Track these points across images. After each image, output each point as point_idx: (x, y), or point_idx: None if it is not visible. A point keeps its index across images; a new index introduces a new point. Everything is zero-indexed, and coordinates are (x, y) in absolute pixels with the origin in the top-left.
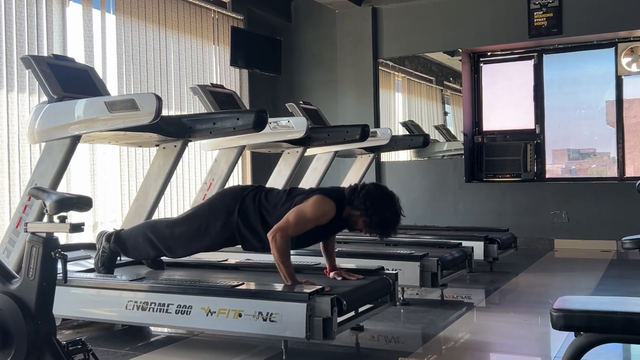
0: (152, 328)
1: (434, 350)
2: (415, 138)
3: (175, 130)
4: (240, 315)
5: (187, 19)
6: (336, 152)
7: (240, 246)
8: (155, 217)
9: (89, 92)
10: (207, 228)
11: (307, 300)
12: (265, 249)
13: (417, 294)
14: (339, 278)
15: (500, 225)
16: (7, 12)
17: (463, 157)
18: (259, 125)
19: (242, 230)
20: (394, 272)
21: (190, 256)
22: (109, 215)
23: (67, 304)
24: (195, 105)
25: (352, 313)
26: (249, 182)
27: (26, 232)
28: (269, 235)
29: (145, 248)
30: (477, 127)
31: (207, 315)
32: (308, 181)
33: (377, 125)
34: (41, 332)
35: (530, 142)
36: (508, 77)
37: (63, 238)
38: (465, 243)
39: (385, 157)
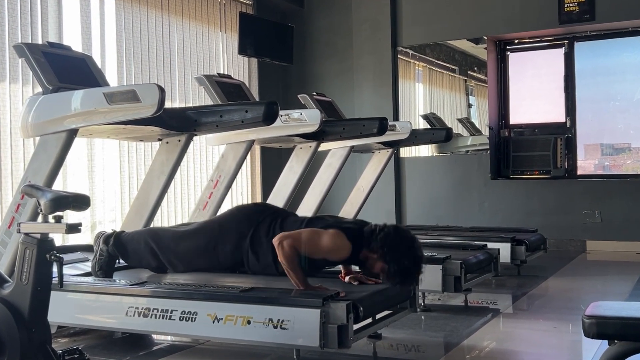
0: (154, 336)
1: None
2: (437, 132)
3: (179, 124)
4: (249, 322)
5: (192, 4)
6: (352, 147)
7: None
8: (157, 217)
9: (87, 82)
10: (215, 248)
11: (321, 306)
12: (273, 274)
13: (439, 299)
14: (355, 282)
15: (528, 226)
16: None
17: (488, 152)
18: (269, 118)
19: (251, 258)
20: None
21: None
22: (108, 215)
23: (63, 310)
24: (201, 97)
25: (370, 320)
26: (258, 179)
27: (19, 233)
28: (275, 241)
29: (146, 256)
30: (503, 120)
31: (213, 322)
32: (322, 178)
33: (396, 118)
34: (35, 340)
35: (560, 136)
36: (537, 66)
37: (59, 239)
38: (490, 245)
39: (404, 152)
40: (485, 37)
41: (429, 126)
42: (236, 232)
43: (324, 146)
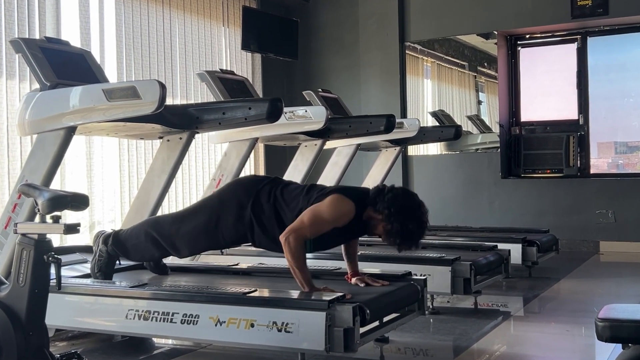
0: (155, 339)
1: None
2: (445, 129)
3: (181, 121)
4: (252, 326)
5: None
6: (358, 145)
7: (253, 249)
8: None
9: (86, 78)
10: (217, 223)
11: (326, 309)
12: (280, 250)
13: (448, 301)
14: (362, 284)
15: (540, 226)
16: None
17: (499, 150)
18: (273, 115)
19: (256, 228)
20: (422, 277)
21: (196, 257)
22: (108, 214)
23: (61, 312)
24: (203, 94)
25: (377, 323)
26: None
27: (16, 233)
28: (282, 238)
29: (148, 248)
30: (514, 118)
31: (215, 325)
32: (327, 177)
33: (403, 115)
34: (32, 344)
35: (573, 134)
36: (548, 62)
37: (57, 240)
38: (501, 245)
39: (412, 150)
40: (496, 32)
41: (437, 123)
42: (237, 203)
43: (329, 144)
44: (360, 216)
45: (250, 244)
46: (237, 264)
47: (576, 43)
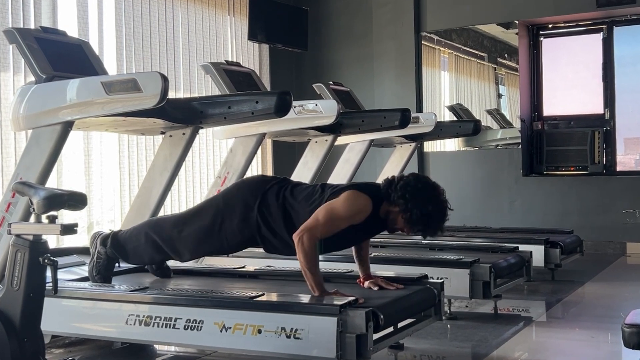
0: (156, 346)
1: None
2: (464, 124)
3: (184, 116)
4: (259, 332)
5: None
6: (372, 140)
7: (261, 250)
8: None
9: (83, 70)
10: (221, 226)
11: (337, 314)
12: (291, 253)
13: (466, 306)
14: (375, 288)
15: (563, 227)
16: None
17: (520, 146)
18: (281, 109)
19: (263, 230)
20: (439, 281)
21: (199, 259)
22: (107, 214)
23: (57, 318)
24: (208, 87)
25: (391, 329)
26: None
27: (10, 234)
28: (295, 237)
29: (148, 251)
30: (536, 112)
31: (221, 331)
32: (339, 175)
33: (419, 109)
34: (27, 351)
35: (598, 129)
36: (572, 53)
37: (53, 241)
38: (522, 247)
39: (428, 146)
40: (517, 22)
41: (455, 118)
42: (242, 204)
43: (341, 140)
44: (377, 213)
45: (260, 250)
46: (243, 267)
47: (602, 33)
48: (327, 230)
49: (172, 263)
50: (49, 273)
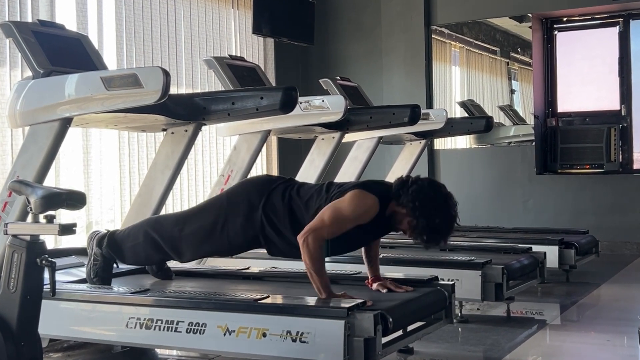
0: (158, 350)
1: None
2: (475, 121)
3: (186, 112)
4: (264, 335)
5: None
6: (380, 138)
7: (264, 251)
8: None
9: (82, 65)
10: (224, 226)
11: (345, 317)
12: (296, 255)
13: (478, 309)
14: (384, 290)
15: (578, 227)
16: None
17: (533, 144)
18: (287, 105)
19: (267, 230)
20: (450, 282)
21: (202, 261)
22: (106, 214)
23: (55, 321)
24: (211, 82)
25: (400, 332)
26: (275, 174)
27: (6, 234)
28: (300, 238)
29: (147, 251)
30: (550, 108)
31: (224, 334)
32: (347, 173)
33: (429, 105)
34: (24, 355)
35: (614, 125)
36: (588, 47)
37: (51, 242)
38: (536, 248)
39: (439, 144)
40: (530, 15)
41: (466, 114)
42: (247, 204)
43: (348, 137)
44: (384, 212)
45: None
46: (247, 268)
47: (618, 27)
48: (333, 231)
49: (173, 265)
50: (46, 274)
